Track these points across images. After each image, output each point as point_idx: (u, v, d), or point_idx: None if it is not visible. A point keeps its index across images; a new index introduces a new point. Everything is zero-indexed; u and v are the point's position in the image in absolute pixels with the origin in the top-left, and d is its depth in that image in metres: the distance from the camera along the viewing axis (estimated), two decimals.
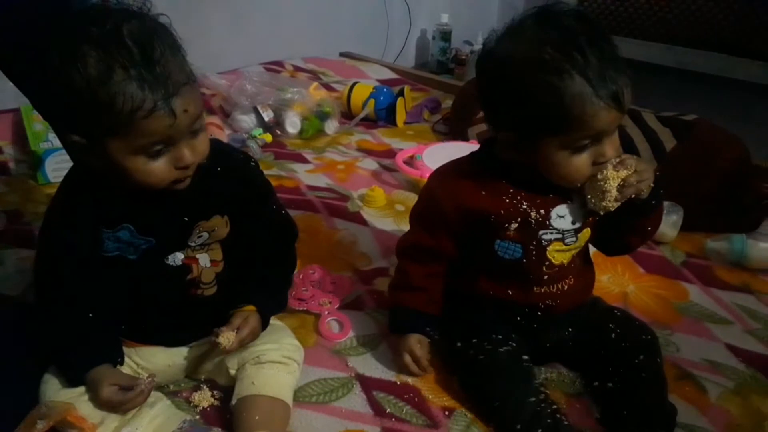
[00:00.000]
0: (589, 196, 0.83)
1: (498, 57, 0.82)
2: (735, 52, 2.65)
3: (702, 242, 1.32)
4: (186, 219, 0.81)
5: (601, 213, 0.84)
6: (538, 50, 0.76)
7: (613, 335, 0.91)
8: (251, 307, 0.86)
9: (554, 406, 0.85)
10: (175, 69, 0.69)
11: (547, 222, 0.87)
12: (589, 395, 0.92)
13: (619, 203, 0.82)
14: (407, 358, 0.94)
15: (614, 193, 0.80)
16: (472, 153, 0.95)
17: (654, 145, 1.46)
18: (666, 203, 1.32)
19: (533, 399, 0.84)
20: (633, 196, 0.82)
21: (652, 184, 0.83)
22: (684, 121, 1.51)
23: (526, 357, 0.90)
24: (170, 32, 0.72)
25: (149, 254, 0.81)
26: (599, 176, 0.81)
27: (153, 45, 0.68)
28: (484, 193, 0.88)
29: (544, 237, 0.88)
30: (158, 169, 0.72)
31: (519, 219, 0.87)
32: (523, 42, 0.79)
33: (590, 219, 0.89)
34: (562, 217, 0.87)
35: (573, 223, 0.88)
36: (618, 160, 0.81)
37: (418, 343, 0.94)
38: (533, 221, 0.86)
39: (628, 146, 1.45)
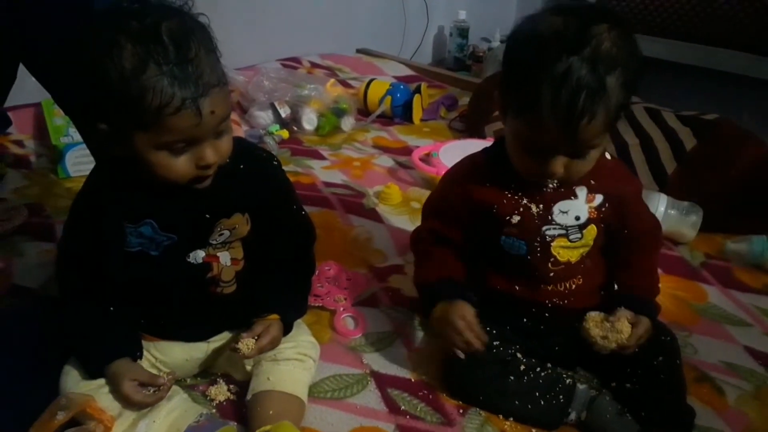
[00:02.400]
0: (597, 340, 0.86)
1: (518, 32, 0.83)
2: (757, 50, 2.60)
3: (721, 243, 1.31)
4: (207, 216, 0.81)
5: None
6: (543, 46, 0.76)
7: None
8: (275, 316, 0.86)
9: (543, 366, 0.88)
10: (208, 70, 0.70)
11: (550, 217, 0.88)
12: (608, 396, 0.91)
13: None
14: (461, 324, 0.84)
15: (601, 344, 0.86)
16: (485, 148, 0.96)
17: (674, 145, 1.45)
18: (685, 203, 1.32)
19: (516, 374, 0.86)
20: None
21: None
22: (705, 121, 1.49)
23: (519, 355, 0.89)
24: (208, 33, 0.73)
25: (171, 251, 0.82)
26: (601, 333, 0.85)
27: (189, 44, 0.68)
28: (488, 185, 0.90)
29: (548, 233, 0.88)
30: (180, 165, 0.73)
31: (520, 211, 0.88)
32: (539, 27, 0.79)
33: (595, 215, 0.89)
34: (565, 212, 0.88)
35: (577, 218, 0.88)
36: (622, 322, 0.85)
37: (468, 308, 0.86)
38: (535, 216, 0.87)
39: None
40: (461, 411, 0.89)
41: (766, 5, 2.57)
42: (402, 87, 2.01)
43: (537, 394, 0.86)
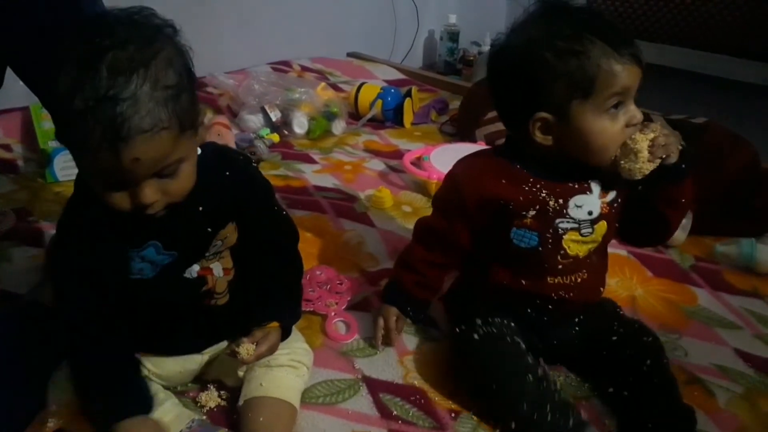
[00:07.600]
0: (622, 163, 0.84)
1: (512, 47, 0.85)
2: (746, 54, 2.63)
3: (711, 246, 1.31)
4: (209, 230, 0.80)
5: (638, 177, 0.84)
6: (554, 31, 0.81)
7: (615, 337, 0.92)
8: (275, 324, 0.85)
9: (557, 385, 0.88)
10: (143, 112, 0.63)
11: (565, 211, 0.88)
12: (599, 400, 0.92)
13: (652, 165, 0.83)
14: (380, 322, 1.00)
15: (646, 153, 0.82)
16: (495, 148, 0.97)
17: None
18: None
19: (534, 376, 0.85)
20: (663, 157, 0.84)
21: (680, 146, 0.86)
22: (693, 124, 1.50)
23: (523, 346, 0.89)
24: (175, 65, 0.67)
25: (168, 269, 0.80)
26: (629, 141, 0.83)
27: (130, 79, 0.62)
28: (504, 181, 0.89)
29: (561, 226, 0.89)
30: (116, 200, 0.69)
31: (537, 206, 0.88)
32: (537, 29, 0.83)
33: (607, 210, 0.89)
34: (579, 207, 0.88)
35: (590, 213, 0.89)
36: (643, 124, 0.84)
37: (394, 316, 1.00)
38: (551, 209, 0.88)
39: None
40: (453, 415, 0.89)
41: (753, 10, 2.60)
42: (393, 91, 2.01)
43: (549, 406, 0.83)
